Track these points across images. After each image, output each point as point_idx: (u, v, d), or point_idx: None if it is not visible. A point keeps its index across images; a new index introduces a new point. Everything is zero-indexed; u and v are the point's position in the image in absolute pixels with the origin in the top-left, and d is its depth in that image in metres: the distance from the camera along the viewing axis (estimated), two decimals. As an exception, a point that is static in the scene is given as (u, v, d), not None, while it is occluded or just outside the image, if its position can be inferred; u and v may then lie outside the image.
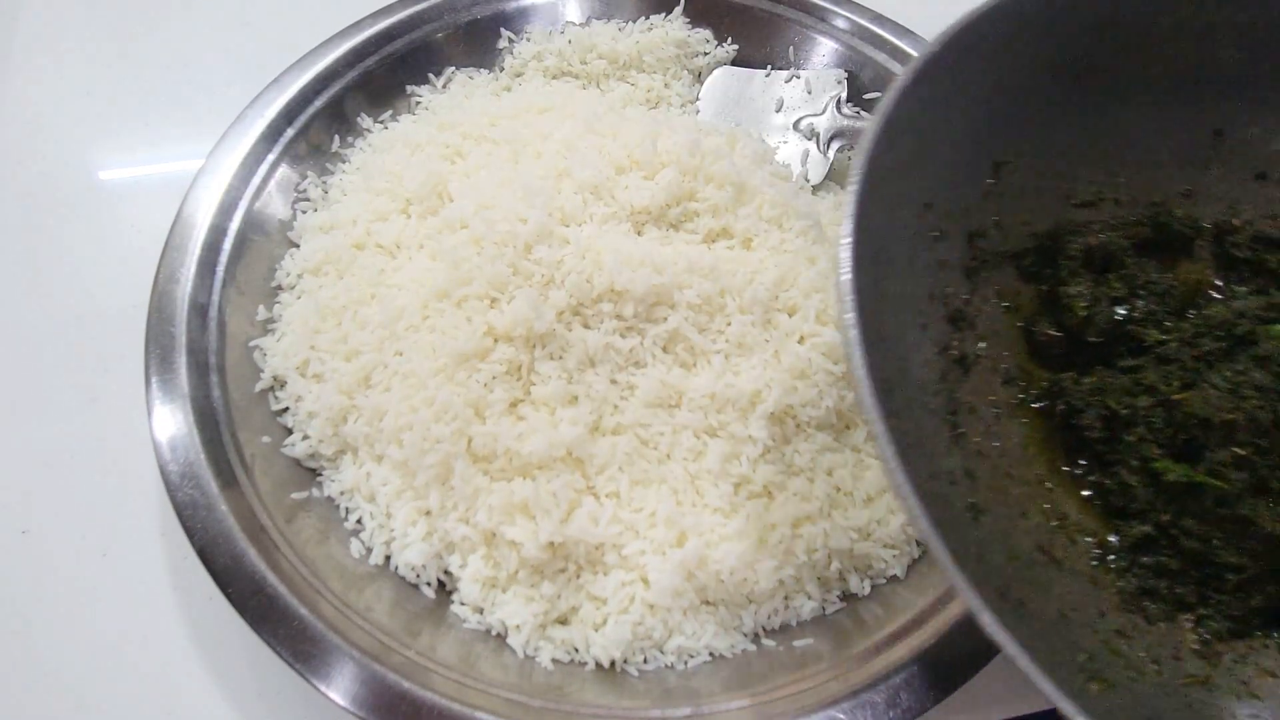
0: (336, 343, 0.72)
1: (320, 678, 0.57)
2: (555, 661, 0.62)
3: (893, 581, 0.68)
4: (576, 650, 0.63)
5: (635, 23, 0.97)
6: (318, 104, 0.85)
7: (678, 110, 0.95)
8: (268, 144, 0.81)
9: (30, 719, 0.65)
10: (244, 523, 0.63)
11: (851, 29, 0.96)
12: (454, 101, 0.90)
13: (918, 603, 0.65)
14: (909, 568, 0.69)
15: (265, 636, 0.58)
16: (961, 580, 0.43)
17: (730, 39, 0.99)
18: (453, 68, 0.93)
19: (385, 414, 0.67)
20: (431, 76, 0.92)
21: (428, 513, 0.66)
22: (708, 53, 0.98)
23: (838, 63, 0.96)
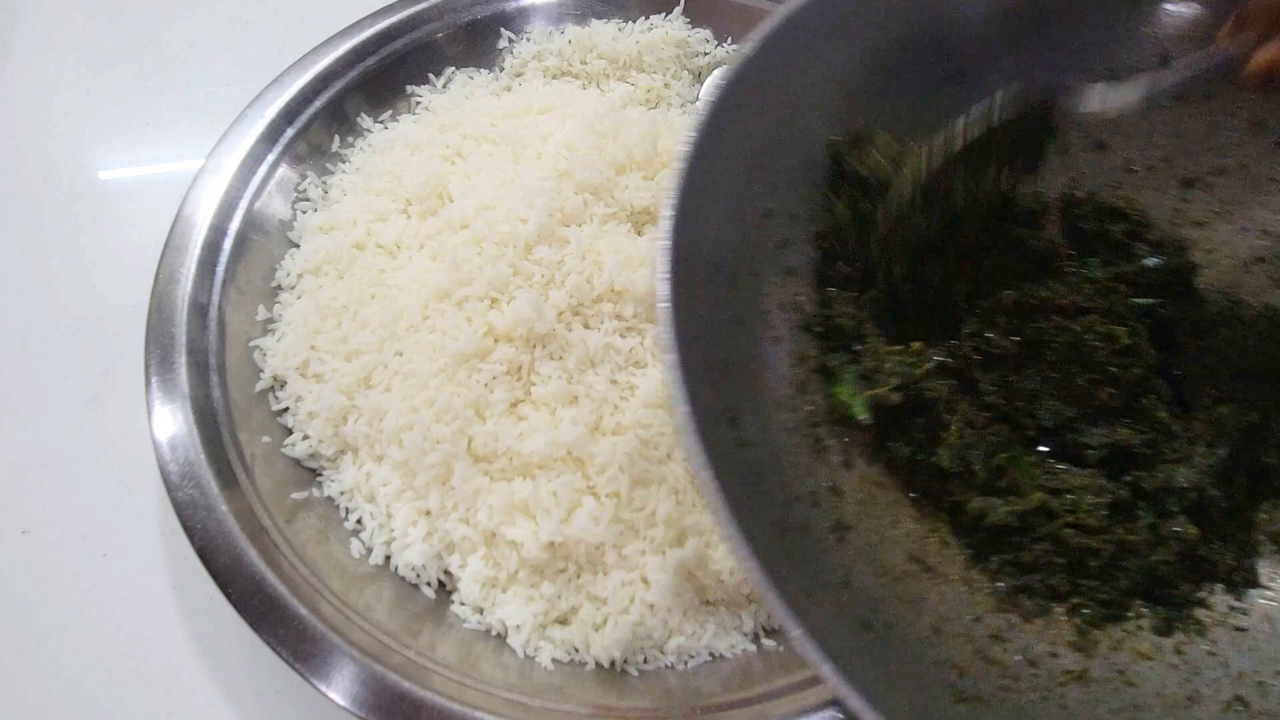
0: (337, 343, 0.72)
1: (320, 678, 0.57)
2: (555, 661, 0.62)
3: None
4: (576, 650, 0.63)
5: (635, 23, 0.97)
6: (318, 104, 0.85)
7: (678, 110, 0.95)
8: (268, 144, 0.81)
9: (30, 719, 0.65)
10: (244, 523, 0.63)
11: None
12: (454, 101, 0.90)
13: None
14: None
15: (265, 636, 0.58)
16: (810, 647, 0.40)
17: (730, 39, 0.98)
18: (453, 68, 0.93)
19: (385, 414, 0.67)
20: (431, 76, 0.92)
21: (428, 513, 0.66)
22: (708, 53, 0.98)
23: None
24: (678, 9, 0.98)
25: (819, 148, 0.60)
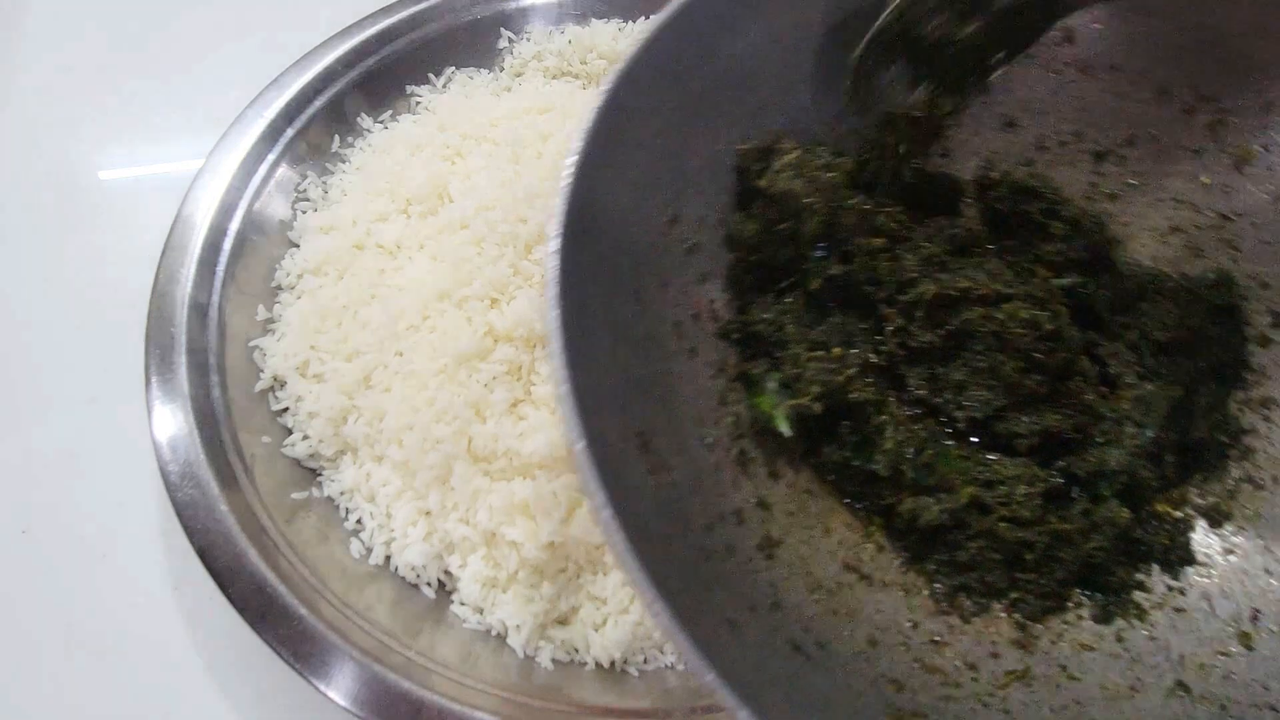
0: (337, 343, 0.72)
1: (320, 678, 0.57)
2: (555, 661, 0.62)
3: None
4: (576, 650, 0.63)
5: (635, 23, 0.97)
6: (318, 104, 0.85)
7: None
8: (268, 144, 0.81)
9: (30, 719, 0.65)
10: (244, 523, 0.63)
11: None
12: (454, 101, 0.90)
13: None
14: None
15: (265, 636, 0.58)
16: (725, 692, 0.37)
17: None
18: (453, 68, 0.93)
19: (386, 414, 0.67)
20: (431, 76, 0.92)
21: (428, 513, 0.66)
22: (708, 53, 0.98)
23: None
24: (678, 9, 0.98)
25: (725, 149, 0.58)
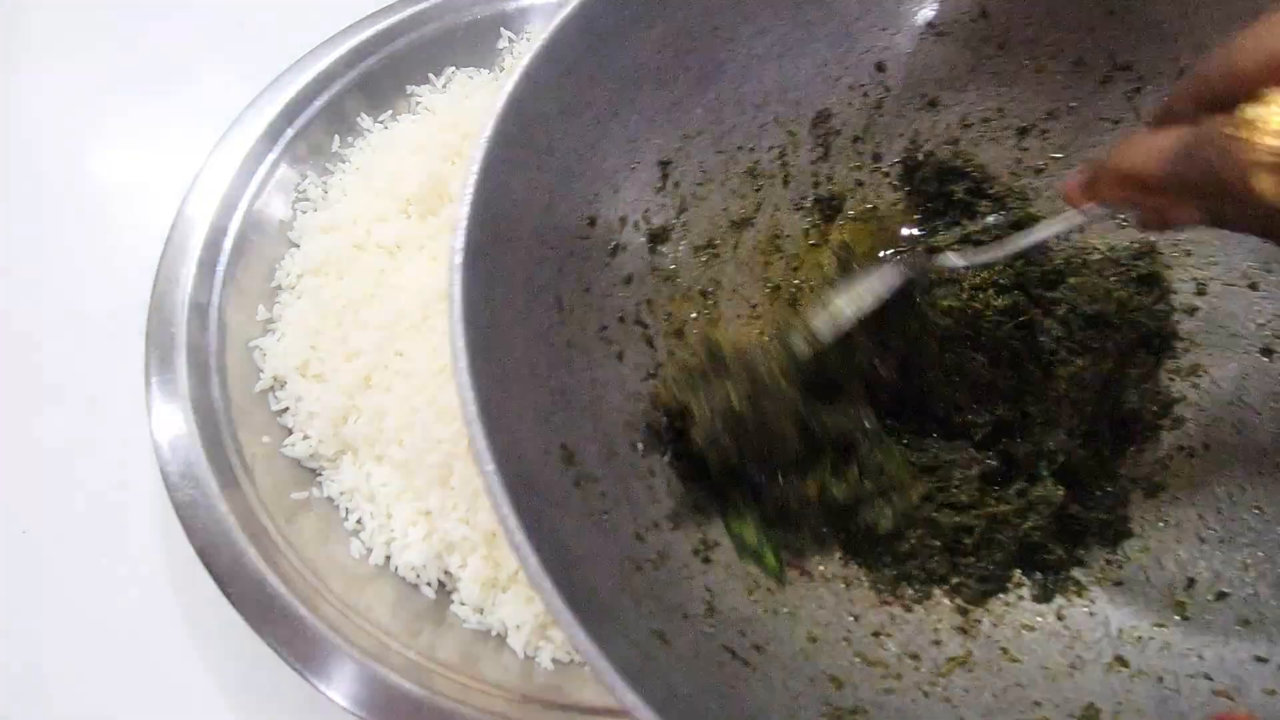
0: (337, 343, 0.72)
1: (320, 678, 0.57)
2: (555, 661, 0.62)
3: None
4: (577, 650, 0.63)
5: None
6: (318, 104, 0.85)
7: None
8: (268, 144, 0.81)
9: (29, 718, 0.65)
10: (244, 523, 0.63)
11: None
12: (454, 101, 0.90)
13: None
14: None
15: (265, 636, 0.58)
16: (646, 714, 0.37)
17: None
18: (453, 68, 0.93)
19: (386, 414, 0.67)
20: (431, 76, 0.92)
21: (428, 513, 0.66)
22: (708, 53, 0.98)
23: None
24: (678, 9, 0.98)
25: (642, 144, 0.58)
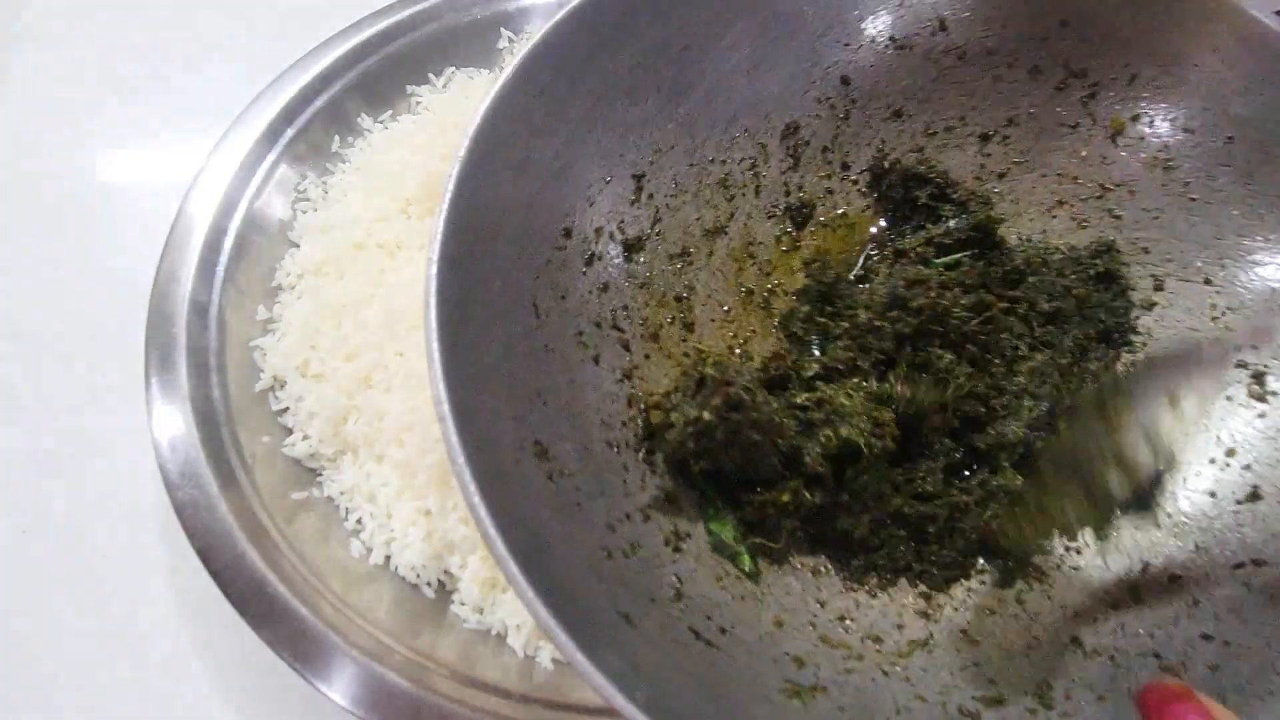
0: (337, 343, 0.72)
1: (320, 678, 0.57)
2: (555, 661, 0.62)
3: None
4: (576, 650, 0.63)
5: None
6: (318, 104, 0.85)
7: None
8: (268, 144, 0.81)
9: (30, 719, 0.65)
10: (244, 523, 0.63)
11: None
12: (454, 101, 0.90)
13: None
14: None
15: (265, 636, 0.58)
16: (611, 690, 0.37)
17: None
18: (453, 68, 0.93)
19: (386, 414, 0.67)
20: (431, 76, 0.92)
21: (428, 513, 0.66)
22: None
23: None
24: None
25: (618, 160, 0.60)
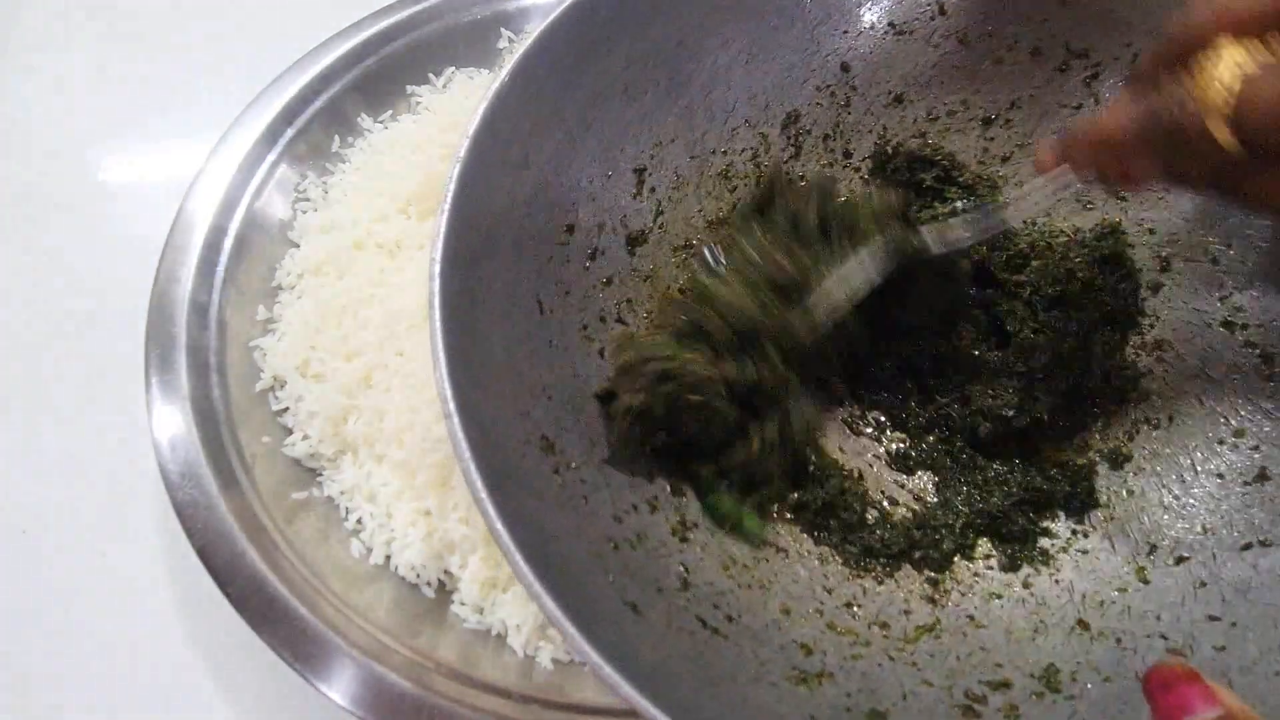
0: (337, 343, 0.72)
1: (320, 678, 0.57)
2: (555, 661, 0.62)
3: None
4: (576, 650, 0.63)
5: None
6: (317, 104, 0.85)
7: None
8: (267, 144, 0.81)
9: (29, 719, 0.65)
10: (244, 523, 0.63)
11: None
12: (454, 101, 0.90)
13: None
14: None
15: (265, 636, 0.58)
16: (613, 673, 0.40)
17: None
18: (453, 68, 0.93)
19: (386, 414, 0.67)
20: (431, 76, 0.92)
21: (428, 513, 0.66)
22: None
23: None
24: (678, 9, 0.97)
25: (618, 157, 0.60)
